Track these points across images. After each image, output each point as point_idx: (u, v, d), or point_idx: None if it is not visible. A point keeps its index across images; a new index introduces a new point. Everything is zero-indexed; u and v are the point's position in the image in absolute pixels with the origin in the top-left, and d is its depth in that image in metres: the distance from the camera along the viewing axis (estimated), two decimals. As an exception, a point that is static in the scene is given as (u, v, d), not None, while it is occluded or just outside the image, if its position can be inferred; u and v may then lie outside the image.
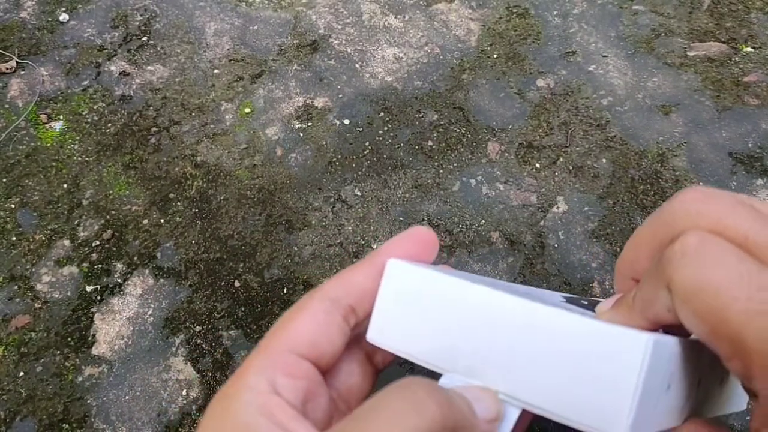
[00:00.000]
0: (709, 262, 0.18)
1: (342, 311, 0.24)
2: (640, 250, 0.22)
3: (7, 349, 1.15)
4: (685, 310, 0.19)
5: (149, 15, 1.57)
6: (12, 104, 1.43)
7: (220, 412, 0.21)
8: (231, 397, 0.21)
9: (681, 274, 0.19)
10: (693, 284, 0.18)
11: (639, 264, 0.22)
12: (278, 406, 0.21)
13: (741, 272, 0.18)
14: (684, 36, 1.53)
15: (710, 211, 0.20)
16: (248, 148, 1.38)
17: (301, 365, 0.22)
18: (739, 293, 0.17)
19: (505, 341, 0.21)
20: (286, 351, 0.22)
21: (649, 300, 0.20)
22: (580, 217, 1.29)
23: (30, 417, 1.09)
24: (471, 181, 1.33)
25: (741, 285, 0.18)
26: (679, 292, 0.19)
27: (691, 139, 1.38)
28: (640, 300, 0.21)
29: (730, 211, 0.19)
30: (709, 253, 0.18)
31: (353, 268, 0.25)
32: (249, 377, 0.22)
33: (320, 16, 1.57)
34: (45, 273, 1.22)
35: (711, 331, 0.18)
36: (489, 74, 1.48)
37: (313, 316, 0.23)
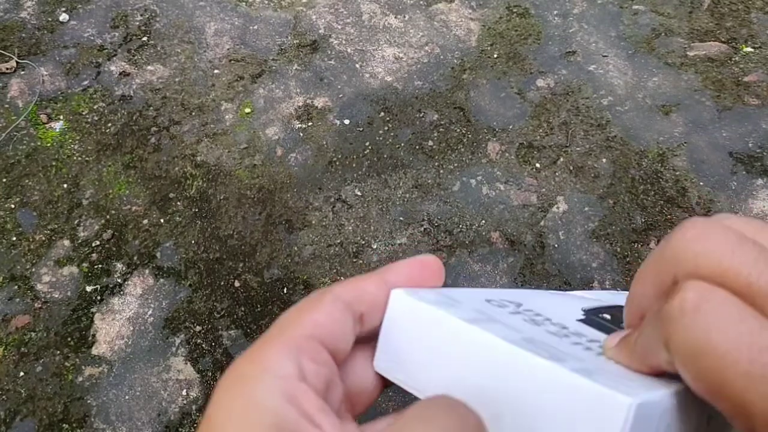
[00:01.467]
0: (708, 322, 0.18)
1: (353, 315, 0.23)
2: (645, 287, 0.22)
3: (7, 349, 1.15)
4: (685, 372, 0.18)
5: (149, 15, 1.57)
6: (12, 104, 1.43)
7: (239, 394, 0.20)
8: (252, 379, 0.20)
9: (680, 335, 0.18)
10: (692, 347, 0.18)
11: (645, 300, 0.22)
12: (305, 393, 0.20)
13: (742, 333, 0.17)
14: (684, 36, 1.53)
15: (711, 252, 0.19)
16: (248, 148, 1.38)
17: (322, 353, 0.22)
18: (740, 356, 0.17)
19: (497, 387, 0.21)
20: (309, 337, 0.22)
21: (649, 349, 0.20)
22: (581, 217, 1.29)
23: (30, 417, 1.09)
24: (471, 181, 1.33)
25: (742, 347, 0.17)
26: (678, 353, 0.18)
27: (691, 139, 1.37)
28: (641, 347, 0.21)
29: (731, 253, 0.19)
30: (708, 312, 0.18)
31: (364, 278, 0.24)
32: (272, 359, 0.20)
33: (320, 16, 1.57)
34: (45, 273, 1.22)
35: (712, 392, 0.18)
36: (489, 74, 1.48)
37: (330, 310, 0.23)
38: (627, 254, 1.25)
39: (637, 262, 1.24)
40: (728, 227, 0.19)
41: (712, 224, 0.20)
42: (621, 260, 1.24)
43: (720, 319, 0.18)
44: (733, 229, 0.19)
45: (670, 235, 0.20)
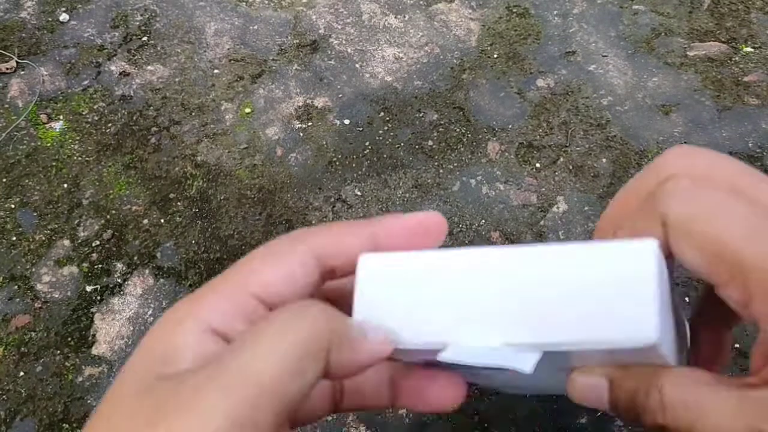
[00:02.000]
0: (703, 194, 0.19)
1: (321, 270, 0.22)
2: (628, 202, 0.23)
3: (7, 349, 1.15)
4: (682, 241, 0.19)
5: (149, 15, 1.57)
6: (12, 104, 1.43)
7: (158, 336, 0.20)
8: (178, 321, 0.20)
9: (677, 206, 0.19)
10: (690, 214, 0.19)
11: (625, 217, 0.23)
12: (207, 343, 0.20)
13: (735, 200, 0.19)
14: (684, 36, 1.53)
15: (697, 162, 0.21)
16: (248, 148, 1.38)
17: (257, 311, 0.21)
18: (735, 217, 0.18)
19: (510, 291, 0.20)
20: (252, 295, 0.21)
21: (640, 232, 0.21)
22: (581, 217, 1.29)
23: (30, 417, 1.09)
24: (471, 181, 1.33)
25: (736, 210, 0.18)
26: (676, 224, 0.19)
27: (691, 138, 1.37)
28: (631, 232, 0.21)
29: (716, 162, 0.21)
30: (702, 187, 0.19)
31: (347, 227, 0.23)
32: (203, 309, 0.20)
33: (320, 16, 1.57)
34: (45, 273, 1.22)
35: (709, 258, 0.19)
36: (489, 74, 1.48)
37: (288, 267, 0.21)
38: (627, 254, 1.25)
39: (636, 262, 1.24)
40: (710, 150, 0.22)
41: (696, 147, 0.21)
42: (621, 260, 1.24)
43: (713, 191, 0.19)
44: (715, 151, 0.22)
45: (655, 159, 0.22)
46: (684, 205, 0.19)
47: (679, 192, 0.19)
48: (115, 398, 0.19)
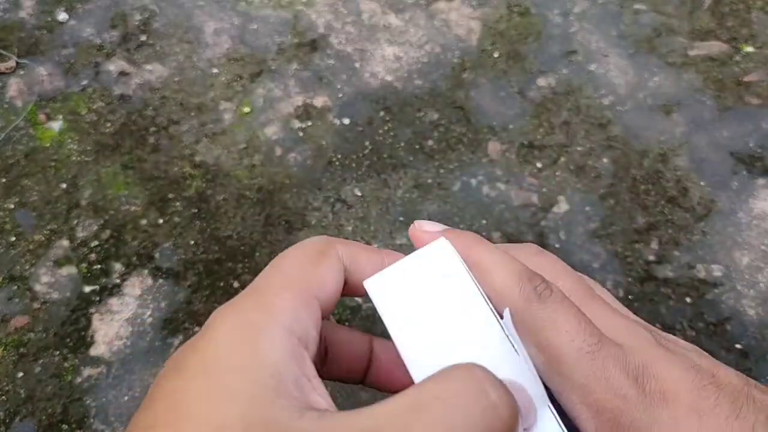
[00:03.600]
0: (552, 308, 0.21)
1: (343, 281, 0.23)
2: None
3: (6, 350, 1.14)
4: (528, 338, 0.22)
5: (148, 14, 1.57)
6: (11, 104, 1.42)
7: (239, 339, 0.18)
8: (258, 328, 0.18)
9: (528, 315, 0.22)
10: (537, 324, 0.21)
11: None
12: (307, 360, 0.19)
13: (577, 318, 0.21)
14: (685, 35, 1.52)
15: (547, 265, 0.24)
16: (247, 148, 1.37)
17: (320, 317, 0.21)
18: (576, 335, 0.21)
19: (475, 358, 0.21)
20: (315, 296, 0.20)
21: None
22: (582, 217, 1.28)
23: (29, 417, 1.09)
24: (472, 181, 1.32)
25: (576, 327, 0.21)
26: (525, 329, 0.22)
27: (692, 138, 1.37)
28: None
29: (562, 269, 0.24)
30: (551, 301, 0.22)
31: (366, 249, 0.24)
32: (282, 313, 0.19)
33: (320, 15, 1.57)
34: (44, 273, 1.22)
35: (550, 365, 0.21)
36: (490, 73, 1.47)
37: (334, 272, 0.22)
38: (628, 254, 1.24)
39: (638, 263, 1.24)
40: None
41: (546, 251, 0.26)
42: (622, 260, 1.24)
43: (562, 306, 0.21)
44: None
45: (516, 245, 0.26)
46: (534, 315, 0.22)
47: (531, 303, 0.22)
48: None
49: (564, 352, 0.21)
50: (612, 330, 0.22)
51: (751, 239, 1.25)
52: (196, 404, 0.16)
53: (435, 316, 0.21)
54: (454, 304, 0.21)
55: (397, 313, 0.22)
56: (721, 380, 0.20)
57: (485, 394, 0.17)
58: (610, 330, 0.22)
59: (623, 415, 0.20)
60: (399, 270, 0.23)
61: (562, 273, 0.24)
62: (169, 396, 0.17)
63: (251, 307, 0.19)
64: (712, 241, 1.25)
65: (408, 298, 0.22)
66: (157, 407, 0.17)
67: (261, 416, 0.16)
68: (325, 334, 0.25)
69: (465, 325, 0.21)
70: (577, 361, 0.20)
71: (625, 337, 0.21)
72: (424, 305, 0.22)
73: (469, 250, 0.23)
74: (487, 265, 0.22)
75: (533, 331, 0.21)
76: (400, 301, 0.22)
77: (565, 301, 0.22)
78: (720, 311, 1.18)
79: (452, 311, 0.21)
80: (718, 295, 1.20)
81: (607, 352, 0.20)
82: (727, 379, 0.21)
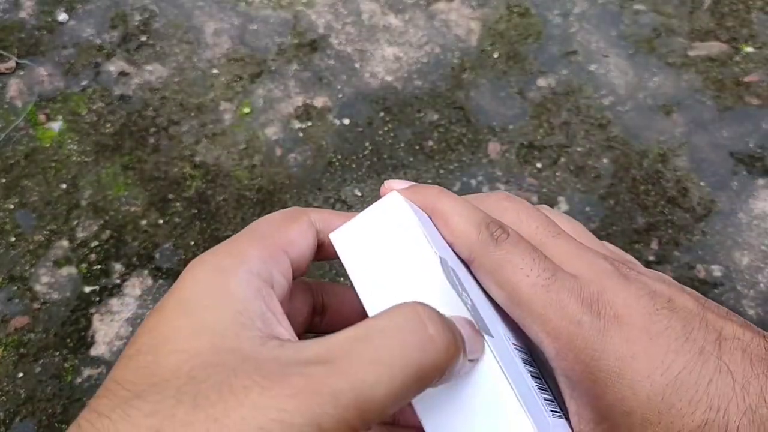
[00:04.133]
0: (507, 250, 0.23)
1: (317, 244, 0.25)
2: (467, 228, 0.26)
3: (6, 350, 1.14)
4: (488, 279, 0.24)
5: (148, 14, 1.57)
6: (11, 104, 1.42)
7: (214, 281, 0.20)
8: (227, 272, 0.20)
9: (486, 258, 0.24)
10: (495, 263, 0.23)
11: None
12: (273, 297, 0.21)
13: (533, 257, 0.23)
14: (685, 35, 1.52)
15: (513, 208, 0.26)
16: (247, 148, 1.37)
17: (288, 271, 0.23)
18: (530, 271, 0.22)
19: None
20: (282, 251, 0.23)
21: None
22: (582, 218, 1.28)
23: (29, 418, 1.09)
24: (472, 181, 1.33)
25: (531, 265, 0.23)
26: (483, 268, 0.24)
27: (692, 138, 1.37)
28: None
29: (526, 213, 0.25)
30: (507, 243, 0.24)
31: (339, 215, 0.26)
32: (251, 258, 0.21)
33: (320, 16, 1.57)
34: (44, 274, 1.22)
35: (510, 301, 0.23)
36: (489, 74, 1.47)
37: (305, 233, 0.24)
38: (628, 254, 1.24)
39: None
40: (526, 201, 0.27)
41: (518, 197, 0.27)
42: (622, 261, 1.24)
43: (517, 248, 0.23)
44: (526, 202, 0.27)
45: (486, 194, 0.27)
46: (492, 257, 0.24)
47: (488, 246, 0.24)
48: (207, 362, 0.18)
49: (521, 288, 0.22)
50: (571, 264, 0.23)
51: (751, 239, 1.25)
52: (173, 336, 0.19)
53: (390, 264, 0.23)
54: (406, 252, 0.23)
55: (357, 263, 0.24)
56: (676, 304, 0.22)
57: (423, 327, 0.18)
58: (570, 264, 0.23)
59: (578, 339, 0.21)
60: (358, 223, 0.24)
61: (525, 216, 0.25)
62: (151, 330, 0.19)
63: (222, 256, 0.22)
64: (712, 242, 1.25)
65: (366, 248, 0.24)
66: (141, 340, 0.19)
67: (228, 345, 0.18)
68: (323, 292, 0.28)
69: (415, 272, 0.23)
70: (534, 294, 0.22)
71: (583, 269, 0.23)
72: (381, 255, 0.23)
73: (433, 201, 0.25)
74: (448, 214, 0.24)
75: (491, 271, 0.23)
76: (360, 252, 0.24)
77: (520, 243, 0.23)
78: (720, 311, 1.18)
79: (405, 259, 0.23)
80: (718, 296, 1.20)
81: (561, 284, 0.22)
82: (682, 303, 0.22)
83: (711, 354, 0.20)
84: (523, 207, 0.26)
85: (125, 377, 0.18)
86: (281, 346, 0.18)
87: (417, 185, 0.27)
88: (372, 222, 0.24)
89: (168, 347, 0.18)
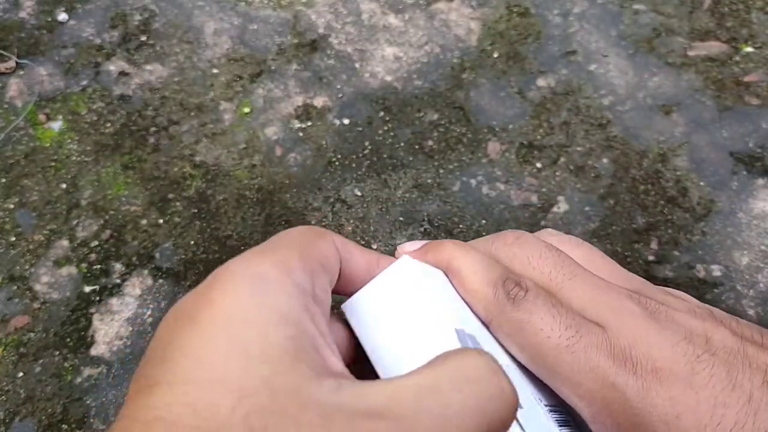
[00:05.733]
0: (527, 309, 0.22)
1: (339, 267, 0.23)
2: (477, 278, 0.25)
3: (6, 350, 1.14)
4: (511, 342, 0.22)
5: (148, 14, 1.57)
6: (11, 104, 1.42)
7: (257, 292, 0.18)
8: (273, 284, 0.18)
9: (506, 316, 0.22)
10: (515, 325, 0.22)
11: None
12: (319, 314, 0.19)
13: (552, 315, 0.21)
14: (685, 35, 1.52)
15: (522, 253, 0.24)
16: (247, 148, 1.37)
17: (327, 285, 0.21)
18: (551, 332, 0.21)
19: None
20: (322, 265, 0.21)
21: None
22: (581, 217, 1.28)
23: (29, 417, 1.09)
24: (471, 181, 1.33)
25: (552, 325, 0.21)
26: (503, 330, 0.22)
27: (692, 138, 1.37)
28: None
29: (539, 256, 0.23)
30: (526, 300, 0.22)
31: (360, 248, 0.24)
32: (295, 269, 0.19)
33: (320, 16, 1.57)
34: (44, 273, 1.22)
35: (534, 363, 0.22)
36: (489, 74, 1.47)
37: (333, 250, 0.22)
38: (628, 254, 1.25)
39: (637, 263, 1.24)
40: (538, 238, 0.25)
41: (527, 234, 0.25)
42: (622, 260, 1.24)
43: (535, 306, 0.22)
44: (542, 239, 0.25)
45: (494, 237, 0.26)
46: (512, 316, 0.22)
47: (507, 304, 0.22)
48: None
49: (544, 351, 0.21)
50: (594, 309, 0.21)
51: (751, 239, 1.25)
52: (217, 363, 0.16)
53: (405, 338, 0.22)
54: (421, 325, 0.22)
55: (370, 335, 0.22)
56: (714, 344, 0.20)
57: (495, 378, 0.17)
58: (592, 309, 0.21)
59: (615, 403, 0.19)
60: (369, 293, 0.23)
61: (536, 260, 0.23)
62: (185, 349, 0.16)
63: (262, 262, 0.19)
64: (712, 241, 1.25)
65: (379, 320, 0.22)
66: (175, 361, 0.16)
67: (284, 384, 0.16)
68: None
69: (432, 345, 0.21)
70: (558, 357, 0.20)
71: (608, 315, 0.21)
72: (394, 328, 0.22)
73: (447, 259, 0.24)
74: (462, 273, 0.23)
75: (511, 334, 0.22)
76: (373, 325, 0.22)
77: (538, 298, 0.22)
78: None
79: (420, 332, 0.21)
80: (717, 296, 1.20)
81: (588, 341, 0.20)
82: (721, 340, 0.20)
83: (761, 401, 0.19)
84: (533, 249, 0.24)
85: (168, 410, 0.15)
86: (339, 388, 0.16)
87: (430, 243, 0.25)
88: (382, 291, 0.23)
89: (214, 380, 0.15)
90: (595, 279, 0.23)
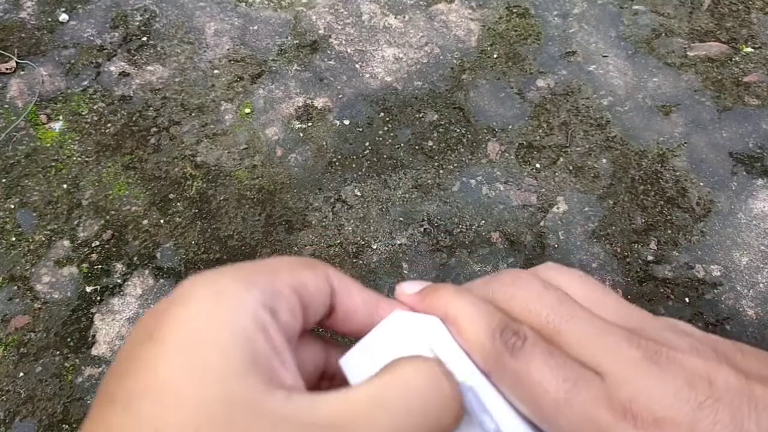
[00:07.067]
0: (524, 360, 0.21)
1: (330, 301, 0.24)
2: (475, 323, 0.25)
3: (7, 350, 1.15)
4: (511, 393, 0.22)
5: (149, 15, 1.57)
6: (12, 104, 1.42)
7: (214, 308, 0.19)
8: (230, 296, 0.19)
9: (505, 367, 0.22)
10: (514, 377, 0.22)
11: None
12: (277, 332, 0.20)
13: (550, 366, 0.21)
14: (684, 36, 1.53)
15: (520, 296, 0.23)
16: (248, 149, 1.38)
17: (298, 312, 0.22)
18: (549, 386, 0.20)
19: None
20: (295, 290, 0.21)
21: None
22: (581, 218, 1.29)
23: (30, 417, 1.09)
24: (471, 182, 1.33)
25: (550, 379, 0.21)
26: (504, 382, 0.22)
27: (691, 139, 1.37)
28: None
29: (536, 298, 0.23)
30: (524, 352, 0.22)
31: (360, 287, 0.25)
32: (258, 286, 0.20)
33: (320, 17, 1.57)
34: (45, 273, 1.22)
35: (533, 414, 0.21)
36: (489, 74, 1.48)
37: (320, 283, 0.23)
38: (627, 254, 1.25)
39: (637, 263, 1.24)
40: (537, 276, 0.24)
41: (525, 273, 0.24)
42: (621, 261, 1.24)
43: (533, 355, 0.21)
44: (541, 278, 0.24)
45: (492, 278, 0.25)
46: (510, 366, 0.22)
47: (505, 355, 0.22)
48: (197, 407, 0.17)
49: (542, 405, 0.20)
50: (592, 355, 0.21)
51: (750, 239, 1.26)
52: (176, 379, 0.17)
53: None
54: None
55: None
56: (718, 388, 0.20)
57: (442, 386, 0.18)
58: (591, 355, 0.21)
59: None
60: (363, 348, 0.24)
61: (534, 303, 0.23)
62: (148, 367, 0.17)
63: (223, 278, 0.20)
64: (711, 242, 1.26)
65: (371, 374, 0.23)
66: (137, 377, 0.17)
67: (236, 396, 0.17)
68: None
69: None
70: (557, 411, 0.20)
71: (607, 363, 0.21)
72: None
73: (444, 306, 0.23)
74: (460, 321, 0.23)
75: (510, 385, 0.22)
76: (366, 377, 0.23)
77: (536, 347, 0.21)
78: (719, 311, 1.18)
79: None
80: (717, 295, 1.20)
81: (587, 394, 0.20)
82: (724, 382, 0.20)
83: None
84: (531, 291, 0.23)
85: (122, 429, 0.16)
86: (289, 399, 0.17)
87: (427, 288, 0.25)
88: (373, 349, 0.23)
89: (172, 395, 0.17)
90: (594, 320, 0.22)
